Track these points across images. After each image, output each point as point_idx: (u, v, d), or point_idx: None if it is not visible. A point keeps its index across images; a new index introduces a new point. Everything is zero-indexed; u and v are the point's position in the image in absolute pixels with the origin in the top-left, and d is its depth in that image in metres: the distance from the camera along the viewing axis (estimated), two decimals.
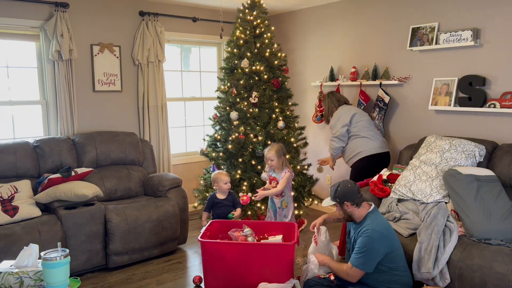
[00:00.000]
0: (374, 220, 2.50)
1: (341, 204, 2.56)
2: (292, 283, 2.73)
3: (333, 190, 2.59)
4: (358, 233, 2.52)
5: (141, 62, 4.54)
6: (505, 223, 2.76)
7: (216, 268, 2.80)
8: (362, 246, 2.42)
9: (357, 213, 2.55)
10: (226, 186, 3.42)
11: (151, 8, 4.63)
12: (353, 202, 2.52)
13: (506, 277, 2.40)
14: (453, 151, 3.25)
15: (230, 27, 4.79)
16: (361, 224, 2.54)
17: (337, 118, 4.05)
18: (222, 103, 4.38)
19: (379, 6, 4.31)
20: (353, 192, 2.53)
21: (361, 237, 2.45)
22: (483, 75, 3.53)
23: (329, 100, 4.23)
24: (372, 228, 2.43)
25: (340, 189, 2.55)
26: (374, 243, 2.40)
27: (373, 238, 2.41)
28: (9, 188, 3.38)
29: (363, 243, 2.42)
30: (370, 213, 2.55)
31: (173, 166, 4.97)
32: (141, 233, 3.54)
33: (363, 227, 2.50)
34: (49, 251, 2.15)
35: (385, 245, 2.43)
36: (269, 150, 3.41)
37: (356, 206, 2.53)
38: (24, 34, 3.97)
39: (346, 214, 2.58)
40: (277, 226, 3.17)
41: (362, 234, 2.46)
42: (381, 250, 2.42)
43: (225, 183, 3.42)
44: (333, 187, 2.61)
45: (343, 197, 2.53)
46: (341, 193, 2.54)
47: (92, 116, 4.36)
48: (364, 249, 2.41)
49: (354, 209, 2.54)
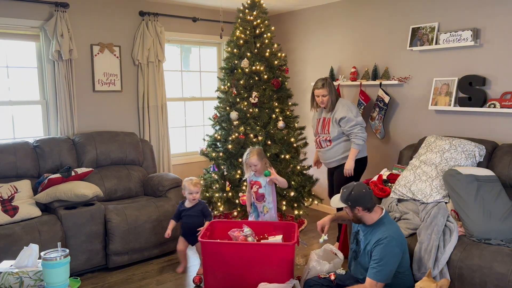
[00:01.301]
0: (389, 227, 2.43)
1: (352, 208, 2.48)
2: (292, 283, 2.73)
3: (346, 193, 2.50)
4: (371, 238, 2.45)
5: (141, 62, 4.54)
6: (505, 223, 2.76)
7: (216, 268, 2.80)
8: (382, 257, 2.34)
9: (368, 217, 2.48)
10: (190, 197, 3.32)
11: (151, 8, 4.63)
12: (365, 207, 2.45)
13: (506, 277, 2.40)
14: (453, 151, 3.25)
15: (230, 27, 4.79)
16: (373, 228, 2.47)
17: (349, 106, 3.63)
18: (222, 103, 4.38)
19: (379, 6, 4.31)
20: (367, 198, 2.45)
21: (379, 246, 2.37)
22: (483, 75, 3.53)
23: (333, 86, 3.70)
24: (390, 236, 2.36)
25: (354, 193, 2.45)
26: (393, 251, 2.35)
27: (392, 246, 2.35)
28: (9, 188, 3.38)
29: (383, 253, 2.34)
30: (383, 219, 2.48)
31: (173, 166, 4.97)
32: (141, 233, 3.54)
33: (378, 234, 2.41)
34: (49, 251, 2.15)
35: (400, 251, 2.40)
36: (250, 157, 3.26)
37: (367, 211, 2.46)
38: (24, 34, 3.97)
39: (356, 217, 2.52)
40: (277, 226, 3.17)
41: (379, 243, 2.37)
42: (399, 258, 2.38)
43: (190, 193, 3.31)
44: (346, 189, 2.51)
45: (356, 202, 2.45)
46: (354, 197, 2.45)
47: (92, 116, 4.36)
48: (384, 260, 2.33)
49: (365, 214, 2.47)
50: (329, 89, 3.61)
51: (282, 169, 4.23)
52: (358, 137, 3.52)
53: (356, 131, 3.53)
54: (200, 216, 3.35)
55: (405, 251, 2.48)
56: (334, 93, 3.64)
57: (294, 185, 4.29)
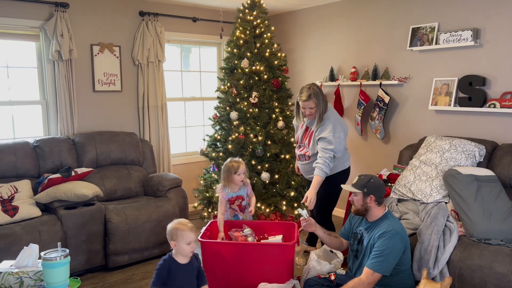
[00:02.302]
0: (394, 222, 2.45)
1: (365, 195, 2.49)
2: (292, 283, 2.72)
3: (364, 180, 2.51)
4: (375, 232, 2.46)
5: (141, 62, 4.54)
6: (505, 223, 2.76)
7: (216, 268, 2.80)
8: (384, 248, 2.35)
9: (374, 211, 2.51)
10: (188, 249, 2.22)
11: (151, 8, 4.63)
12: (378, 198, 2.49)
13: (506, 277, 2.40)
14: (453, 151, 3.25)
15: (230, 27, 4.79)
16: (376, 224, 2.49)
17: (335, 127, 3.16)
18: (222, 103, 4.38)
19: (379, 6, 4.31)
20: (382, 190, 2.50)
21: (383, 237, 2.38)
22: (483, 75, 3.53)
23: (321, 95, 3.23)
24: (394, 230, 2.39)
25: (373, 181, 2.49)
26: (396, 244, 2.36)
27: (396, 239, 2.36)
28: (9, 188, 3.38)
29: (386, 244, 2.35)
30: (387, 214, 2.51)
31: (173, 166, 4.97)
32: (141, 233, 3.54)
33: (383, 227, 2.43)
34: (49, 251, 2.15)
35: (403, 246, 2.41)
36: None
37: (377, 204, 2.50)
38: (24, 34, 3.97)
39: (363, 207, 2.51)
40: (277, 226, 3.17)
41: (383, 235, 2.39)
42: (400, 252, 2.40)
43: (189, 243, 2.21)
44: (364, 177, 2.53)
45: (372, 190, 2.47)
46: (373, 185, 2.48)
47: (92, 116, 4.36)
48: (386, 252, 2.34)
49: (374, 206, 2.49)
50: (317, 100, 3.14)
51: (282, 169, 4.23)
52: (326, 164, 3.09)
53: (326, 156, 3.10)
54: (196, 276, 2.32)
55: (407, 248, 2.48)
56: (323, 103, 3.18)
57: (294, 185, 4.29)
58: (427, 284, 2.25)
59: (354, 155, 4.70)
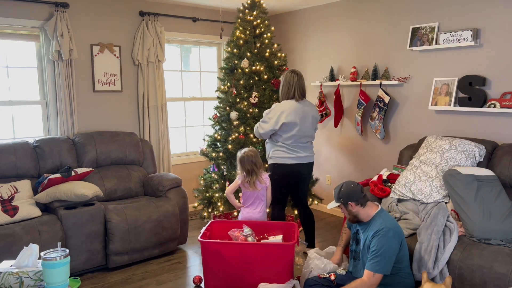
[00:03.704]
0: (386, 220, 2.47)
1: (345, 205, 2.54)
2: (292, 283, 2.73)
3: (336, 191, 2.58)
4: (369, 232, 2.47)
5: (141, 62, 4.54)
6: (505, 223, 2.76)
7: (216, 268, 2.80)
8: (379, 248, 2.36)
9: (363, 213, 2.52)
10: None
11: (151, 8, 4.64)
12: (357, 202, 2.50)
13: (506, 277, 2.40)
14: (453, 151, 3.25)
15: (230, 27, 4.79)
16: (370, 224, 2.50)
17: (273, 107, 3.48)
18: (222, 103, 4.38)
19: (379, 6, 4.31)
20: (356, 192, 2.51)
21: (376, 237, 2.40)
22: (483, 75, 3.53)
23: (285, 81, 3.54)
24: (387, 227, 2.40)
25: (343, 189, 2.54)
26: (390, 241, 2.37)
27: (389, 236, 2.38)
28: (9, 188, 3.38)
29: (380, 243, 2.37)
30: (380, 213, 2.52)
31: (173, 166, 4.97)
32: (141, 233, 3.54)
33: (375, 226, 2.45)
34: (49, 251, 2.15)
35: (398, 242, 2.42)
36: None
37: (361, 206, 2.51)
38: (24, 34, 3.97)
39: (351, 214, 2.55)
40: (277, 226, 3.17)
41: (376, 234, 2.41)
42: (397, 248, 2.40)
43: None
44: (336, 188, 2.60)
45: (347, 197, 2.51)
46: (344, 193, 2.52)
47: (92, 116, 4.36)
48: (381, 250, 2.36)
49: (359, 209, 2.52)
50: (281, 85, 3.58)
51: None
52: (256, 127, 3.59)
53: (257, 124, 3.59)
54: None
55: (403, 243, 2.49)
56: (281, 90, 3.57)
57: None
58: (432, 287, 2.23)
59: (354, 155, 4.70)
